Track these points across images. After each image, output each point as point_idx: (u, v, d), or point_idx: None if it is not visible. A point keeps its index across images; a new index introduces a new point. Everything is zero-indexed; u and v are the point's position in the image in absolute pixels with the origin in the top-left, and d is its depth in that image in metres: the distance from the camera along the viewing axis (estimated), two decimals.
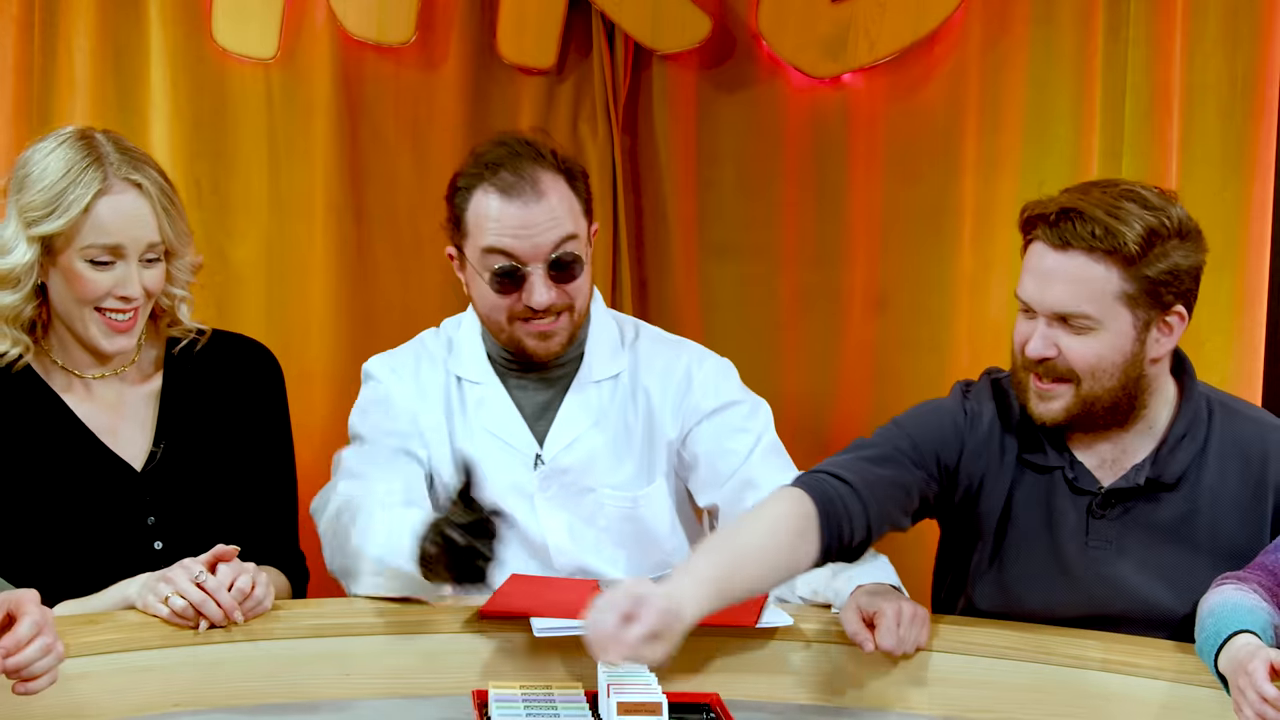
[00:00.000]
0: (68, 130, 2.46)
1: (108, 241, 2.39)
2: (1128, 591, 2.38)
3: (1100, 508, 2.39)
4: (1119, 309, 2.29)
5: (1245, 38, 3.30)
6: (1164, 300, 2.31)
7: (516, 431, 2.66)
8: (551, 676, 2.33)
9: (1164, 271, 2.29)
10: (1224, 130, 3.31)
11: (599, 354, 2.70)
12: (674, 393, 2.70)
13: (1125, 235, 2.26)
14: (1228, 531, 2.36)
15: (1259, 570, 2.26)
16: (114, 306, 2.42)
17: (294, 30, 3.33)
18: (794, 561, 2.25)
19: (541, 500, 2.66)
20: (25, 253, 2.39)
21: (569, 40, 3.38)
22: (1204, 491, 2.37)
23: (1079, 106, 3.33)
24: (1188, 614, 2.32)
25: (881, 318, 3.44)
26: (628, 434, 2.69)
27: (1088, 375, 2.32)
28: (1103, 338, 2.30)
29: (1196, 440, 2.38)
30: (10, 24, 3.25)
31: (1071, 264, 2.28)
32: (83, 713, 2.20)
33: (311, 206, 3.36)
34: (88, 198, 2.37)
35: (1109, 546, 2.39)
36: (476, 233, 2.58)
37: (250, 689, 2.30)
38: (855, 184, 3.43)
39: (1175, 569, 2.37)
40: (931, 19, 3.33)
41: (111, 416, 2.50)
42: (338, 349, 3.38)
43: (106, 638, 2.25)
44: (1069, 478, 2.40)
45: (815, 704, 2.37)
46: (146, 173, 2.42)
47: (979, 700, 2.33)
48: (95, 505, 2.46)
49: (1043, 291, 2.31)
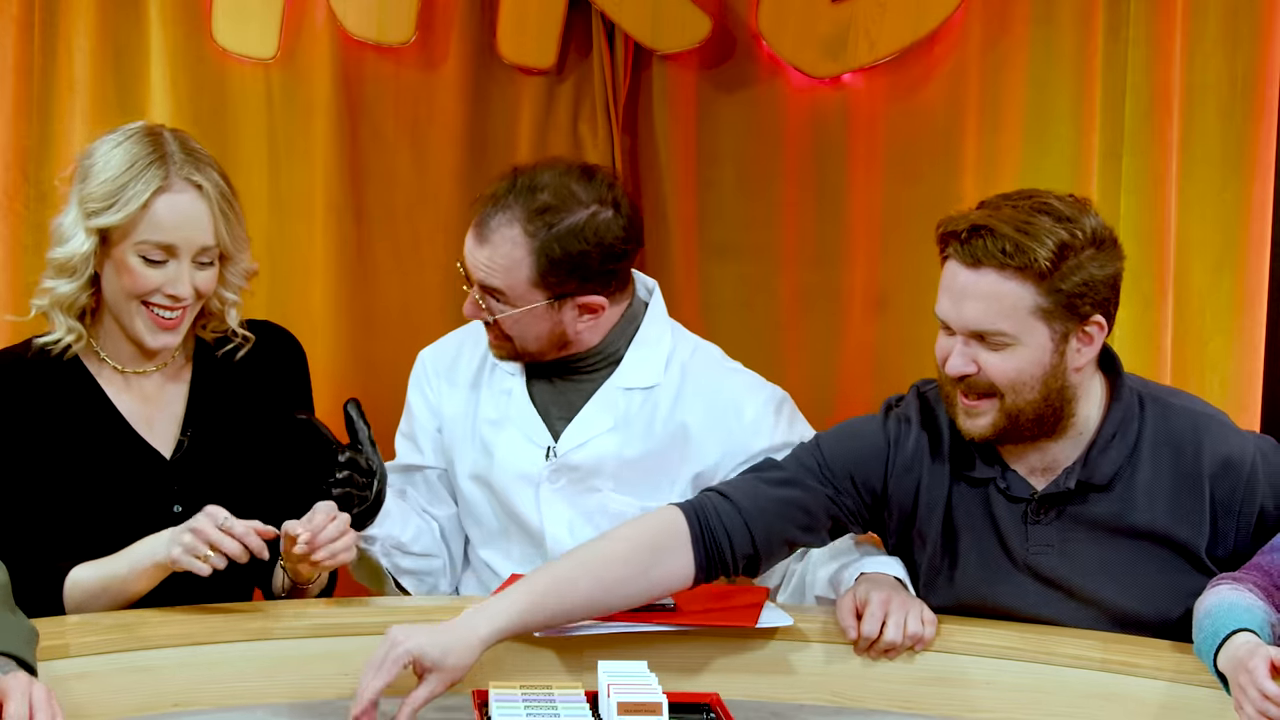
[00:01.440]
0: (136, 125, 2.48)
1: (162, 239, 2.41)
2: (1078, 591, 2.38)
3: (1035, 513, 2.39)
4: (1035, 324, 2.27)
5: (1245, 38, 3.30)
6: (1081, 311, 2.28)
7: (533, 422, 2.69)
8: (551, 676, 2.33)
9: (1078, 284, 2.26)
10: (1224, 130, 3.31)
11: (639, 362, 2.69)
12: (719, 424, 2.67)
13: (1036, 252, 2.23)
14: (1164, 525, 2.36)
15: (1255, 570, 2.26)
16: (162, 303, 2.44)
17: (294, 30, 3.33)
18: (652, 577, 2.32)
19: (547, 491, 2.67)
20: (83, 242, 2.42)
21: (569, 40, 3.38)
22: (1138, 487, 2.36)
23: (1079, 106, 3.32)
24: (1144, 610, 2.35)
25: (881, 318, 3.44)
26: (645, 446, 2.67)
27: (1009, 390, 2.30)
28: (1020, 353, 2.28)
29: (1127, 439, 2.37)
30: (10, 24, 3.25)
31: (984, 282, 2.26)
32: (83, 713, 2.20)
33: (311, 206, 3.37)
34: (147, 194, 2.39)
35: (1050, 550, 2.39)
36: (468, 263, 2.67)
37: (250, 689, 2.30)
38: (855, 184, 3.43)
39: (1119, 565, 2.37)
40: (931, 19, 3.33)
41: (148, 408, 2.52)
42: (338, 349, 3.38)
43: (106, 638, 2.25)
44: (1001, 487, 2.40)
45: (815, 704, 2.37)
46: (208, 174, 2.45)
47: (979, 700, 2.33)
48: (125, 493, 2.47)
49: (958, 310, 2.29)
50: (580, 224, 2.56)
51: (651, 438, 2.67)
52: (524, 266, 2.56)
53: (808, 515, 2.40)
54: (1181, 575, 2.35)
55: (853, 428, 2.51)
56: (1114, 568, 2.37)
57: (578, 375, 2.69)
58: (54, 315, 2.47)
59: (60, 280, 2.45)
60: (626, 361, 2.69)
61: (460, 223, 3.39)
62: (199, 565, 2.27)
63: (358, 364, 3.38)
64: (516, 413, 2.70)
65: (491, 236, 2.57)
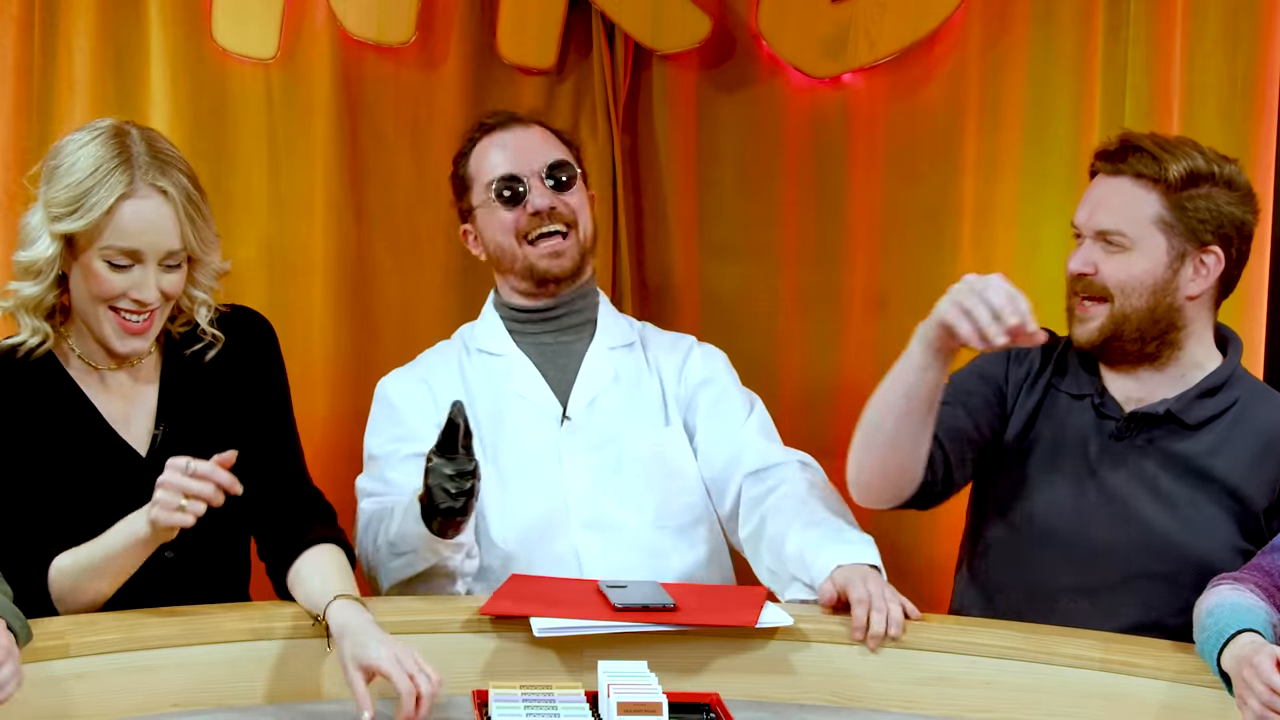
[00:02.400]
0: (104, 124, 2.45)
1: (126, 245, 2.39)
2: (1133, 511, 2.50)
3: (1121, 431, 2.54)
4: (1154, 233, 2.51)
5: (1245, 38, 3.30)
6: (1201, 237, 2.50)
7: (541, 392, 2.81)
8: (551, 676, 2.33)
9: (1204, 209, 2.50)
10: (1224, 130, 3.31)
11: (610, 325, 2.90)
12: (677, 362, 2.90)
13: (1170, 167, 2.50)
14: (1236, 480, 2.50)
15: (1255, 571, 2.27)
16: (128, 307, 2.43)
17: (294, 30, 3.32)
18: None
19: (569, 454, 2.77)
20: (48, 246, 2.41)
21: (569, 40, 3.38)
22: (1223, 438, 2.51)
23: (1079, 106, 3.32)
24: (1189, 543, 2.47)
25: (881, 318, 3.44)
26: (642, 389, 2.84)
27: (1119, 292, 2.51)
28: (1135, 259, 2.51)
29: (1227, 397, 2.54)
30: (10, 24, 3.24)
31: (1119, 186, 2.53)
32: (82, 713, 2.20)
33: (311, 206, 3.36)
34: (110, 200, 2.37)
35: (1123, 469, 2.53)
36: (479, 175, 2.88)
37: (250, 689, 2.30)
38: (855, 184, 3.42)
39: (1180, 497, 2.50)
40: (931, 19, 3.33)
41: (124, 404, 2.51)
42: (338, 349, 3.37)
43: (106, 638, 2.25)
44: (1096, 404, 2.57)
45: (815, 704, 2.37)
46: (174, 178, 2.41)
47: (979, 700, 2.33)
48: (101, 490, 2.46)
49: (1089, 213, 2.56)
50: None
51: (642, 382, 2.84)
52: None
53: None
54: (1235, 526, 2.48)
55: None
56: (1174, 498, 2.50)
57: (568, 335, 2.85)
58: (20, 316, 2.45)
59: (25, 283, 2.43)
60: (602, 321, 2.90)
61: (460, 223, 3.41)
62: (180, 518, 2.24)
63: (358, 364, 3.37)
64: (522, 385, 2.82)
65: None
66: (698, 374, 2.89)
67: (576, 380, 2.82)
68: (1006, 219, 3.37)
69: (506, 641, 2.37)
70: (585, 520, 2.74)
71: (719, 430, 2.83)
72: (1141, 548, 2.48)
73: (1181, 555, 2.47)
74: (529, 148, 2.86)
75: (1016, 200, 3.36)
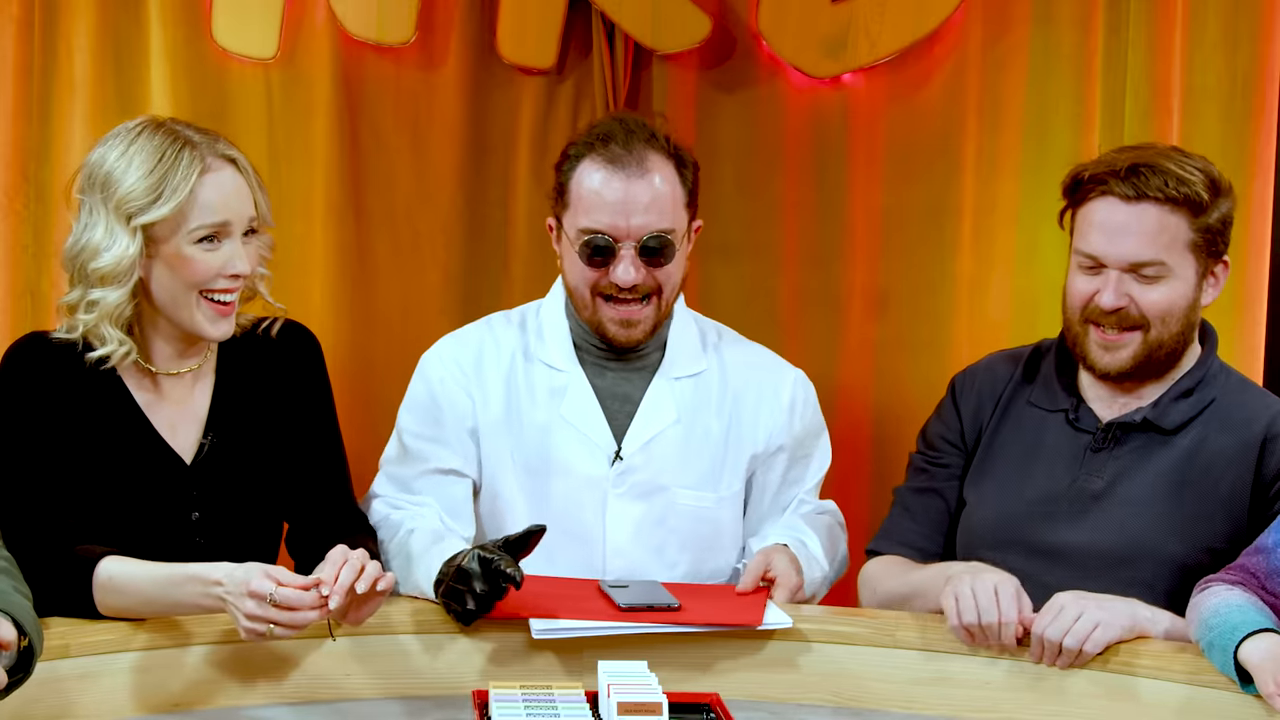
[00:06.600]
0: (136, 122, 2.44)
1: (215, 220, 2.39)
2: (1110, 521, 2.48)
3: (1100, 443, 2.50)
4: (1187, 256, 2.43)
5: (1245, 38, 3.30)
6: (1217, 249, 2.46)
7: (596, 425, 2.65)
8: (551, 676, 2.33)
9: (1219, 221, 2.45)
10: (1224, 130, 3.31)
11: (681, 350, 2.71)
12: (763, 403, 2.72)
13: (1196, 186, 2.40)
14: (1210, 487, 2.46)
15: (1240, 572, 2.27)
16: (222, 287, 2.42)
17: (294, 30, 3.33)
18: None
19: (614, 497, 2.64)
20: (128, 245, 2.37)
21: (569, 40, 3.38)
22: (1199, 446, 2.47)
23: (1079, 106, 3.32)
24: (1165, 552, 2.44)
25: (881, 318, 3.44)
26: (706, 435, 2.68)
27: (1158, 321, 2.44)
28: (1173, 285, 2.44)
29: (1200, 401, 2.49)
30: (10, 24, 3.24)
31: (1145, 214, 2.40)
32: (82, 713, 2.20)
33: (311, 206, 3.36)
34: (192, 178, 2.37)
35: (1099, 478, 2.50)
36: (577, 203, 2.60)
37: (250, 689, 2.30)
38: (855, 184, 3.43)
39: (1160, 506, 2.47)
40: (931, 19, 3.33)
41: (175, 412, 2.50)
42: (338, 349, 3.37)
43: (106, 638, 2.25)
44: (1071, 419, 2.53)
45: (815, 704, 2.37)
46: (232, 149, 2.44)
47: (979, 700, 2.33)
48: (143, 497, 2.44)
49: (1115, 244, 2.43)
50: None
51: (707, 425, 2.68)
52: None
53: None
54: (1213, 528, 2.45)
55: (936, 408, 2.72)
56: (1151, 502, 2.47)
57: (631, 364, 2.68)
58: (104, 329, 2.40)
59: (107, 290, 2.38)
60: (672, 347, 2.70)
61: (460, 223, 3.41)
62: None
63: (358, 364, 3.37)
64: (577, 413, 2.65)
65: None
66: (791, 433, 2.73)
67: (635, 417, 2.66)
68: (1006, 219, 3.37)
69: (506, 641, 2.36)
70: (617, 570, 2.64)
71: (779, 496, 2.74)
72: (1119, 552, 2.45)
73: (1159, 559, 2.44)
74: (633, 201, 2.56)
75: (1016, 200, 3.36)
